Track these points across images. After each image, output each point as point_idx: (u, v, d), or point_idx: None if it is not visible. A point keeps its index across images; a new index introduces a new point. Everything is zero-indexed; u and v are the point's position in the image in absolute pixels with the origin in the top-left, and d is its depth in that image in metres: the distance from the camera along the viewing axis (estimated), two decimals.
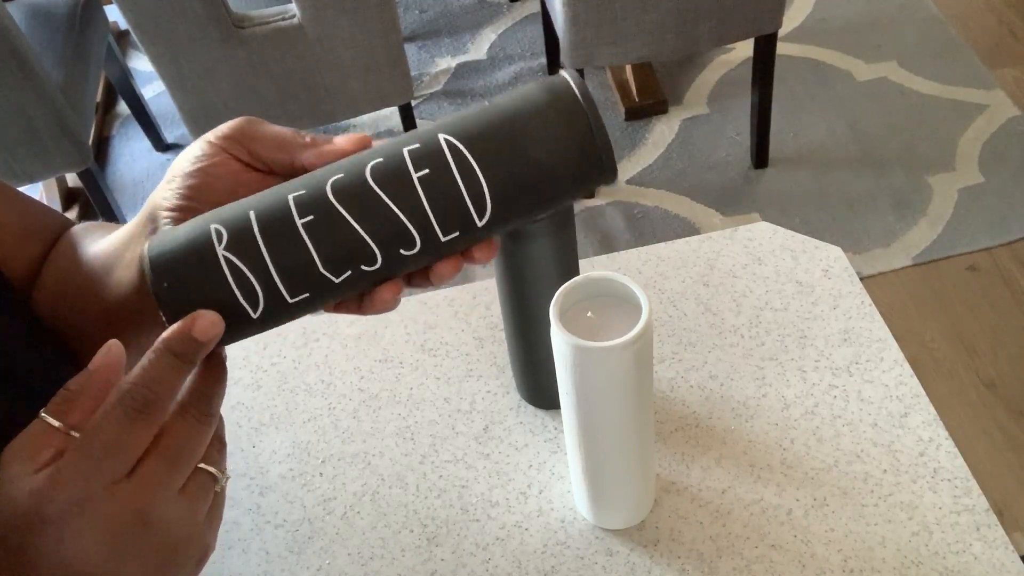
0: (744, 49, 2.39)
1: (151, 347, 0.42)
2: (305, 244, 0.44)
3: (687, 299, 0.85)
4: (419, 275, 0.50)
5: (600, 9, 1.79)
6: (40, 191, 2.39)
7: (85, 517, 0.39)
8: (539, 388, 0.77)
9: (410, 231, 0.45)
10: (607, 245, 2.07)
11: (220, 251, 0.44)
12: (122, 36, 2.84)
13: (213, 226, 0.45)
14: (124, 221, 2.16)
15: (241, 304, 0.44)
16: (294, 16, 1.72)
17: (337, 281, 0.45)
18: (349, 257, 0.45)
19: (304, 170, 0.50)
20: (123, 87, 2.37)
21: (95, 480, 0.40)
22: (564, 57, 1.91)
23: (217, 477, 0.44)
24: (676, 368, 0.80)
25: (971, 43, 2.40)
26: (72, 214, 2.36)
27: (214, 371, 0.44)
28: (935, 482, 0.70)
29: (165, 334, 0.42)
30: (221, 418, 0.46)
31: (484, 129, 0.46)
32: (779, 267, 0.86)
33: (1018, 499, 1.57)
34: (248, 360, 0.86)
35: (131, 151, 2.54)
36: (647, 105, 2.34)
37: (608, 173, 0.47)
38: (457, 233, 0.46)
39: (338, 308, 0.51)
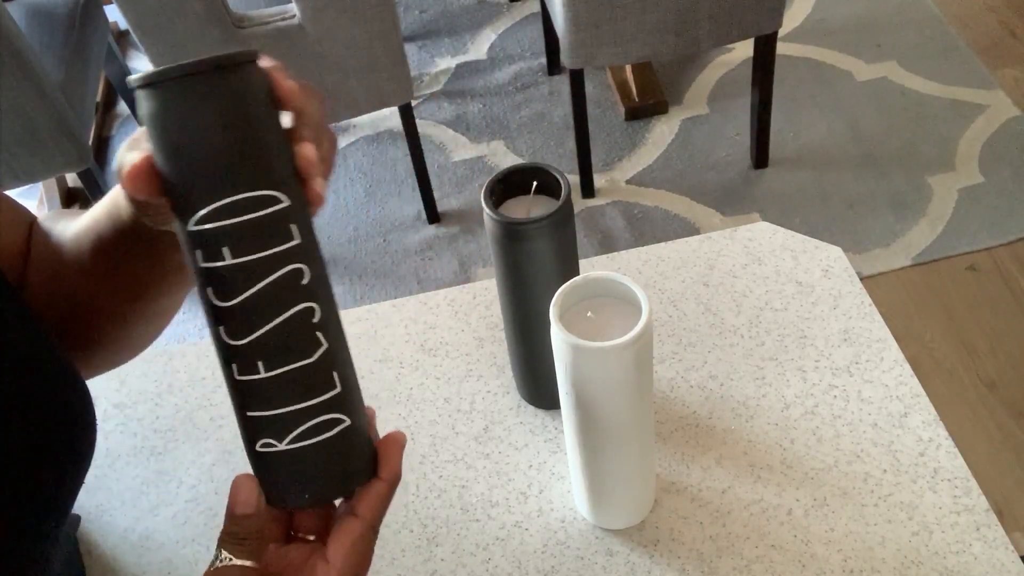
0: (744, 49, 2.39)
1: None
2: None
3: (687, 299, 0.85)
4: None
5: (600, 9, 1.79)
6: (40, 191, 2.39)
7: None
8: (539, 388, 0.78)
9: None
10: (607, 245, 2.07)
11: None
12: (122, 36, 2.83)
13: None
14: None
15: None
16: (294, 16, 1.72)
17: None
18: None
19: None
20: (123, 87, 2.38)
21: None
22: (564, 57, 1.91)
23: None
24: (676, 368, 0.80)
25: (971, 43, 2.40)
26: None
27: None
28: (935, 482, 0.70)
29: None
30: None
31: None
32: (779, 267, 0.86)
33: (1018, 499, 1.57)
34: None
35: None
36: (647, 105, 2.34)
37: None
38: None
39: None
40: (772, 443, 0.74)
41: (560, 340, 0.57)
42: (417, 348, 0.85)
